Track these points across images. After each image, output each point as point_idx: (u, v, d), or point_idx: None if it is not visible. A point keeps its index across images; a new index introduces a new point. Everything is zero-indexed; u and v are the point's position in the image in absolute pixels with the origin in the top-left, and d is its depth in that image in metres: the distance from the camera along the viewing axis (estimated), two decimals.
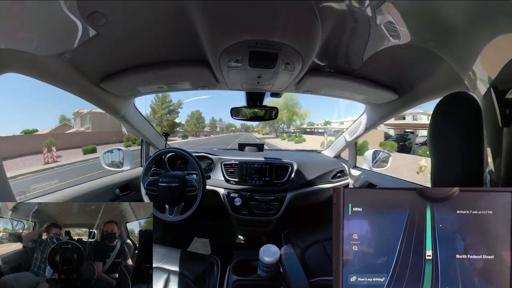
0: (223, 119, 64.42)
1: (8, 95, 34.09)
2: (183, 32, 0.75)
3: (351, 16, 0.66)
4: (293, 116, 38.59)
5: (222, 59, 0.83)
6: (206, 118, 54.62)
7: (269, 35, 0.70)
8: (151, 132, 1.69)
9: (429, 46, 0.65)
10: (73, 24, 0.64)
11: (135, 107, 1.44)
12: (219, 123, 61.53)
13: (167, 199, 1.24)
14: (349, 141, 1.78)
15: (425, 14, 0.56)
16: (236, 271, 0.94)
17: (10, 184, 0.76)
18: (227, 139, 31.54)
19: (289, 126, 40.05)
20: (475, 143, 0.45)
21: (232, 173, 1.61)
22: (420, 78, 0.99)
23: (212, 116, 66.64)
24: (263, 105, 1.42)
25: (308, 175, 1.64)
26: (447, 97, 0.50)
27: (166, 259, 1.06)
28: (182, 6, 0.62)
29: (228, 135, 50.47)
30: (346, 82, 1.10)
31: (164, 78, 1.07)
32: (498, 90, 0.47)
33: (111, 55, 0.87)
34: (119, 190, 1.44)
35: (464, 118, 0.46)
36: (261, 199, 1.52)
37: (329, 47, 0.83)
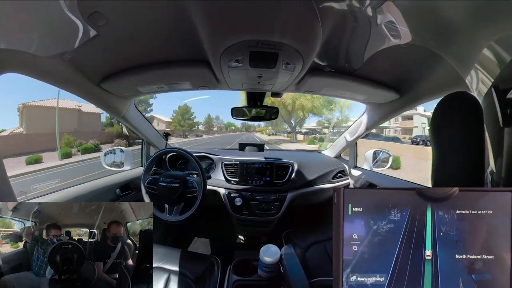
0: (221, 117, 57.47)
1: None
2: (184, 32, 0.75)
3: (351, 15, 0.66)
4: (319, 105, 20.01)
5: (223, 59, 0.83)
6: (200, 115, 48.03)
7: (269, 35, 0.70)
8: (151, 132, 1.69)
9: (429, 45, 0.65)
10: (73, 25, 0.64)
11: (136, 107, 1.45)
12: (216, 121, 53.79)
13: (167, 199, 1.24)
14: (349, 141, 1.78)
15: (426, 14, 0.56)
16: (237, 271, 0.94)
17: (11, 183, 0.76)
18: (223, 141, 24.23)
19: (300, 124, 25.11)
20: (476, 143, 0.44)
21: (233, 173, 1.61)
22: (420, 78, 0.99)
23: (208, 114, 61.30)
24: (263, 105, 1.42)
25: (308, 175, 1.64)
26: (448, 96, 0.50)
27: (166, 259, 1.06)
28: (183, 6, 0.62)
29: (225, 135, 44.18)
30: (346, 82, 1.10)
31: (164, 78, 1.07)
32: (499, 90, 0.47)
33: (112, 55, 0.87)
34: (119, 190, 1.44)
35: (465, 118, 0.46)
36: (262, 199, 1.52)
37: (329, 47, 0.82)
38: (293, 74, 0.98)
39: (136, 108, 1.45)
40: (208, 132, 45.80)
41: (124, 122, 1.40)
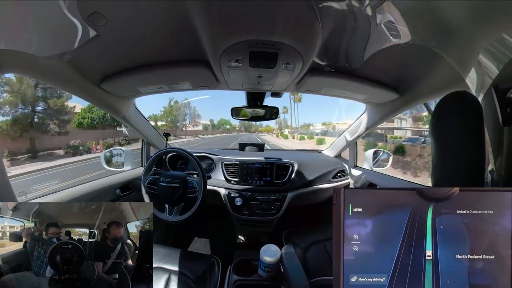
0: (198, 108, 41.06)
1: None
2: (183, 32, 0.75)
3: (351, 15, 0.66)
4: None
5: (223, 59, 0.83)
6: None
7: (269, 35, 0.70)
8: (151, 132, 1.69)
9: (429, 45, 0.65)
10: (73, 25, 0.64)
11: (136, 107, 1.45)
12: (198, 118, 37.13)
13: (167, 199, 1.24)
14: (349, 141, 1.78)
15: (426, 13, 0.56)
16: (237, 271, 0.94)
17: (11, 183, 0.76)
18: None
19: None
20: (476, 143, 0.44)
21: (233, 173, 1.61)
22: (420, 77, 0.99)
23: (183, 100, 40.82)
24: (263, 105, 1.42)
25: (308, 175, 1.64)
26: (448, 96, 0.50)
27: (166, 259, 1.06)
28: (182, 6, 0.62)
29: (215, 138, 32.49)
30: (346, 82, 1.10)
31: (164, 78, 1.07)
32: (499, 89, 0.47)
33: (112, 55, 0.87)
34: (119, 190, 1.44)
35: (465, 117, 0.46)
36: (262, 199, 1.52)
37: (329, 47, 0.82)
38: (293, 74, 0.98)
39: (136, 108, 1.45)
40: (175, 133, 35.00)
41: (124, 122, 1.40)
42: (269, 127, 48.78)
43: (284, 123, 49.55)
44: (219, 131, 42.46)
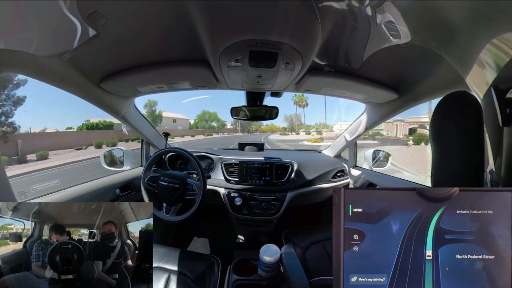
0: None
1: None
2: (183, 31, 0.75)
3: (351, 15, 0.66)
4: None
5: (222, 58, 0.83)
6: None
7: (269, 35, 0.70)
8: (151, 132, 1.69)
9: (429, 45, 0.65)
10: (73, 24, 0.64)
11: (135, 107, 1.44)
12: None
13: (166, 198, 1.24)
14: (349, 141, 1.78)
15: (426, 13, 0.56)
16: (237, 270, 0.94)
17: (10, 184, 0.76)
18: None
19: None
20: (476, 143, 0.44)
21: (233, 172, 1.61)
22: (420, 78, 0.99)
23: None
24: (263, 105, 1.42)
25: (308, 174, 1.64)
26: (448, 96, 0.50)
27: (166, 259, 1.06)
28: (182, 6, 0.62)
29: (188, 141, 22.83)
30: (346, 82, 1.10)
31: (164, 78, 1.07)
32: (498, 90, 0.47)
33: (111, 55, 0.87)
34: (119, 190, 1.44)
35: (465, 117, 0.46)
36: (262, 198, 1.52)
37: (329, 47, 0.82)
38: (292, 74, 0.98)
39: (135, 107, 1.45)
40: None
41: (124, 122, 1.40)
42: (274, 126, 40.93)
43: (297, 120, 38.32)
44: (199, 130, 31.39)
